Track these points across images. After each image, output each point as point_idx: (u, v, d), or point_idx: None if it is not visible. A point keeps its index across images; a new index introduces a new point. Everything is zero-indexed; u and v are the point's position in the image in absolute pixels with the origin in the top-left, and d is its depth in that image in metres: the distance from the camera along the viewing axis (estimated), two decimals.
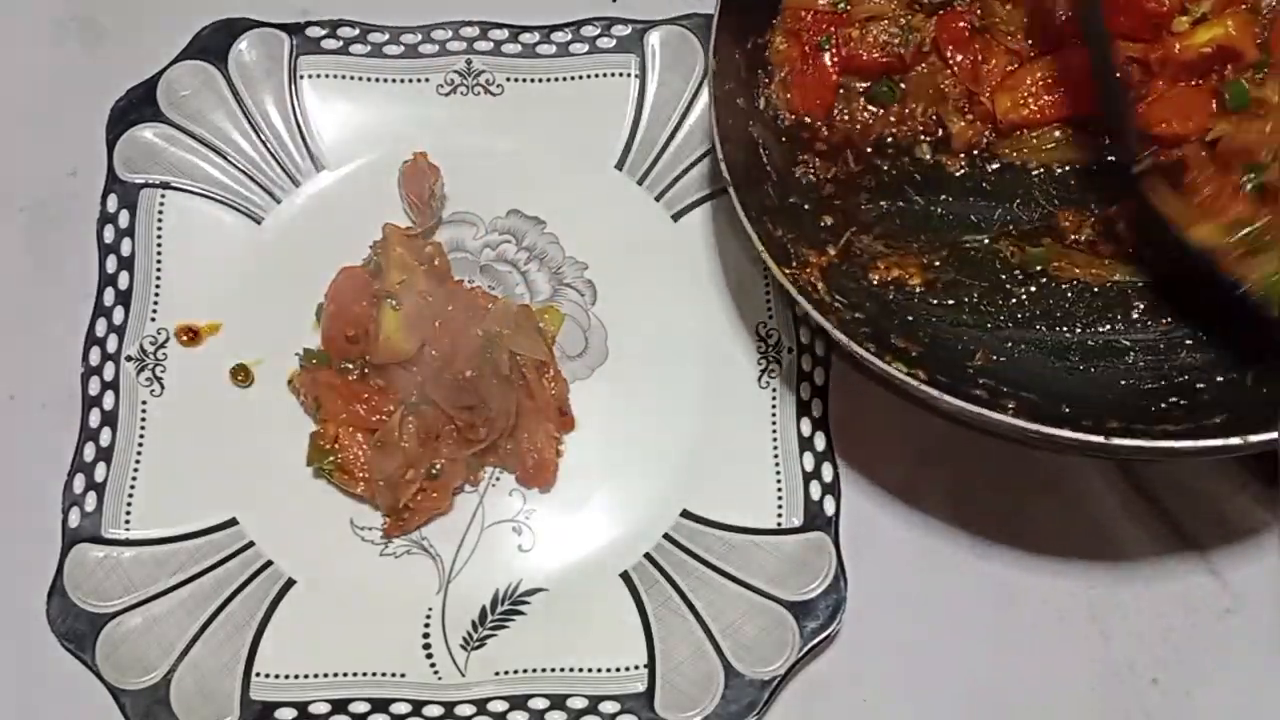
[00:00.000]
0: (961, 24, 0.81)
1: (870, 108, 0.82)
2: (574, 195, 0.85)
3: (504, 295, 0.83)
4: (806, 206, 0.79)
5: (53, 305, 0.83)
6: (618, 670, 0.75)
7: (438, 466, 0.77)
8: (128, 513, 0.78)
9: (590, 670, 0.75)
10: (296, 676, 0.75)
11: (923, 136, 0.82)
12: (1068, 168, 0.80)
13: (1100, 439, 0.64)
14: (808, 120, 0.81)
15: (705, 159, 0.85)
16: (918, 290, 0.78)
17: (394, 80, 0.88)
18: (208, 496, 0.79)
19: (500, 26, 0.89)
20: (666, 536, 0.78)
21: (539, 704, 0.74)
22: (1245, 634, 0.76)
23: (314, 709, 0.74)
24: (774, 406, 0.80)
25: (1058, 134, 0.80)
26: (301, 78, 0.87)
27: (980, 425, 0.68)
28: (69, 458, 0.78)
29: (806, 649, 0.73)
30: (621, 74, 0.87)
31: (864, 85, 0.82)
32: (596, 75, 0.88)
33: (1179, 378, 0.74)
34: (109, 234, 0.83)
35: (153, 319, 0.82)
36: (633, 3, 0.89)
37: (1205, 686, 0.76)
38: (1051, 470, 0.79)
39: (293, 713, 0.73)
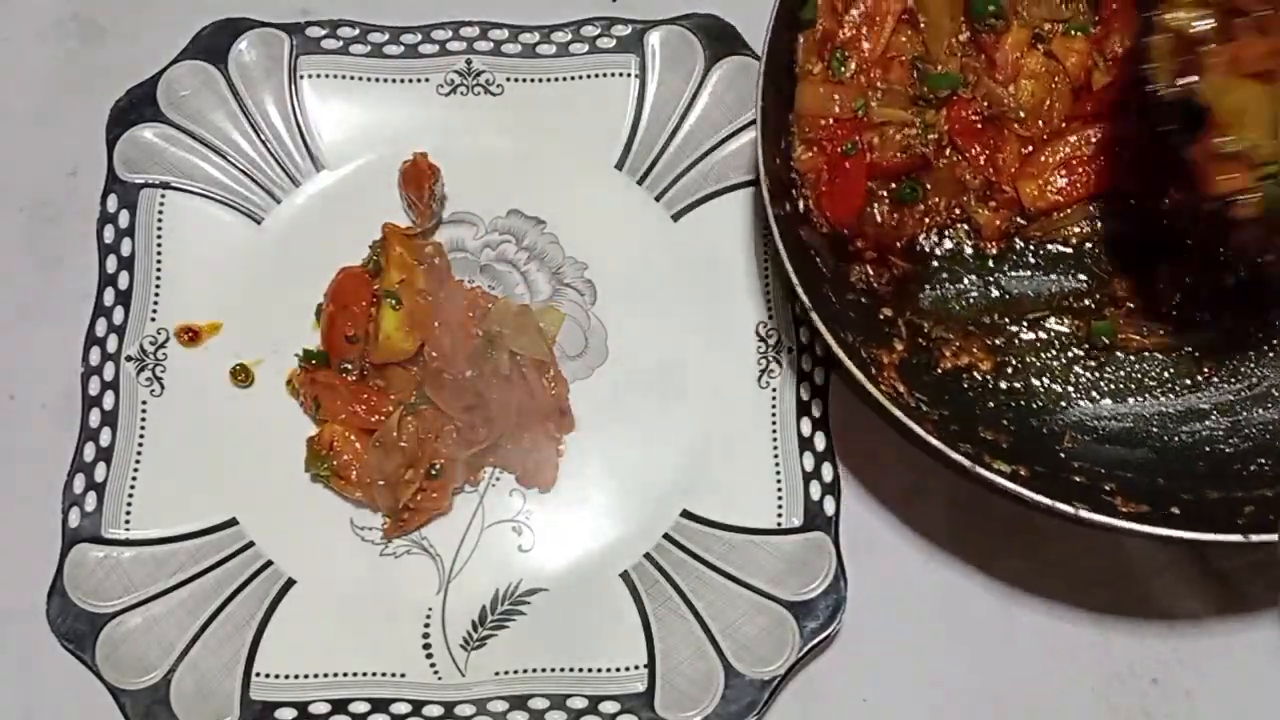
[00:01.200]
0: (971, 114, 0.80)
1: (897, 210, 0.80)
2: (574, 195, 0.85)
3: (504, 295, 0.83)
4: (864, 301, 0.78)
5: (53, 305, 0.83)
6: (618, 670, 0.75)
7: (437, 467, 0.77)
8: (128, 513, 0.78)
9: (590, 670, 0.75)
10: (296, 676, 0.75)
11: (956, 227, 0.81)
12: (1108, 239, 0.80)
13: (1239, 538, 0.64)
14: (842, 230, 0.79)
15: (705, 159, 0.85)
16: (989, 376, 0.78)
17: (394, 80, 0.88)
18: (208, 496, 0.79)
19: (500, 26, 0.89)
20: (666, 536, 0.78)
21: (539, 704, 0.74)
22: (1245, 634, 0.76)
23: (314, 709, 0.74)
24: (774, 406, 0.80)
25: (1090, 208, 0.80)
26: (301, 78, 0.87)
27: (1091, 525, 0.66)
28: (69, 458, 0.78)
29: (806, 649, 0.73)
30: (621, 74, 0.87)
31: (887, 189, 0.80)
32: (596, 75, 0.88)
33: (1262, 436, 0.75)
34: (109, 234, 0.83)
35: (153, 319, 0.82)
36: (633, 3, 0.90)
37: (1205, 687, 0.76)
38: None
39: (293, 713, 0.74)
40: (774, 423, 0.79)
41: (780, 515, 0.77)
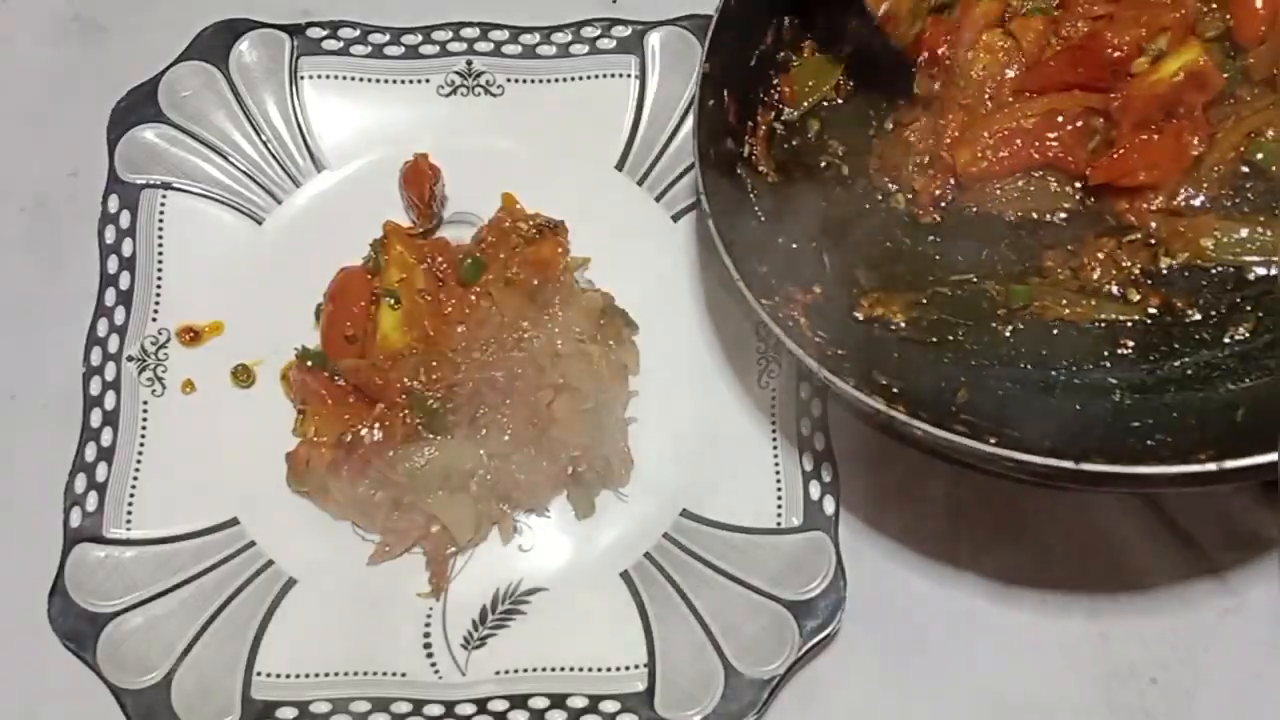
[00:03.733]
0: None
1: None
2: (574, 196, 0.85)
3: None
4: (794, 245, 0.78)
5: (54, 305, 0.84)
6: (618, 669, 0.75)
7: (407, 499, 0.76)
8: (129, 512, 0.78)
9: (590, 669, 0.75)
10: (297, 676, 0.75)
11: (893, 187, 0.81)
12: (1043, 215, 0.80)
13: (1071, 465, 0.63)
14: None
15: None
16: (902, 328, 0.77)
17: (395, 81, 0.88)
18: (209, 496, 0.79)
19: (501, 27, 0.89)
20: (666, 536, 0.78)
21: (539, 703, 0.74)
22: (1245, 634, 0.76)
23: (315, 708, 0.74)
24: (774, 406, 0.80)
25: (1021, 184, 0.79)
26: (302, 78, 0.87)
27: (960, 457, 0.67)
28: (70, 457, 0.79)
29: (806, 648, 0.73)
30: (622, 75, 0.88)
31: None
32: (597, 76, 0.88)
33: (1168, 415, 0.73)
34: (110, 234, 0.84)
35: (154, 319, 0.82)
36: (633, 4, 0.90)
37: (1205, 686, 0.76)
38: None
39: (293, 712, 0.74)
40: (773, 422, 0.79)
41: (780, 515, 0.77)
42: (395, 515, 0.76)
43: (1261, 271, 0.75)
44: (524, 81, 0.88)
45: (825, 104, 0.83)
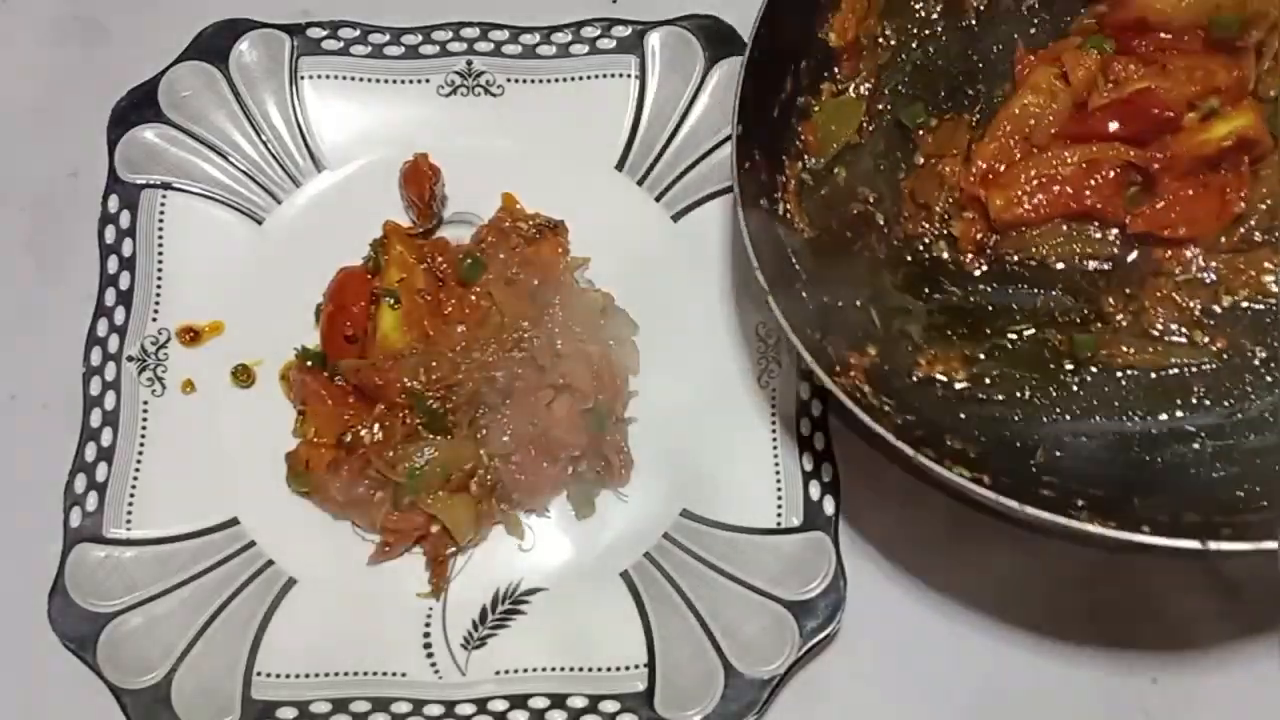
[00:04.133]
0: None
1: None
2: (574, 196, 0.85)
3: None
4: (840, 304, 0.76)
5: (54, 305, 0.84)
6: (618, 669, 0.75)
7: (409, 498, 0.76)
8: (129, 512, 0.78)
9: (590, 669, 0.75)
10: (297, 676, 0.75)
11: (935, 233, 0.80)
12: (1089, 261, 0.78)
13: (1196, 544, 0.61)
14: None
15: (705, 160, 0.85)
16: (965, 386, 0.75)
17: (395, 81, 0.88)
18: (209, 496, 0.79)
19: (501, 27, 0.89)
20: (666, 536, 0.78)
21: (539, 703, 0.74)
22: (1245, 634, 0.76)
23: (315, 708, 0.74)
24: (774, 406, 0.80)
25: (1065, 228, 0.78)
26: (302, 78, 0.87)
27: (1057, 531, 0.63)
28: (70, 457, 0.79)
29: (806, 648, 0.73)
30: (622, 75, 0.88)
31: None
32: (597, 76, 0.88)
33: (1251, 461, 0.72)
34: (110, 234, 0.84)
35: (154, 319, 0.82)
36: (633, 4, 0.90)
37: (1205, 686, 0.76)
38: None
39: (294, 712, 0.74)
40: (773, 422, 0.79)
41: (780, 515, 0.77)
42: (395, 515, 0.76)
43: None
44: (524, 81, 0.88)
45: (850, 146, 0.80)
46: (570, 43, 0.88)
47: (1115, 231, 0.78)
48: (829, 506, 0.77)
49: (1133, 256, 0.78)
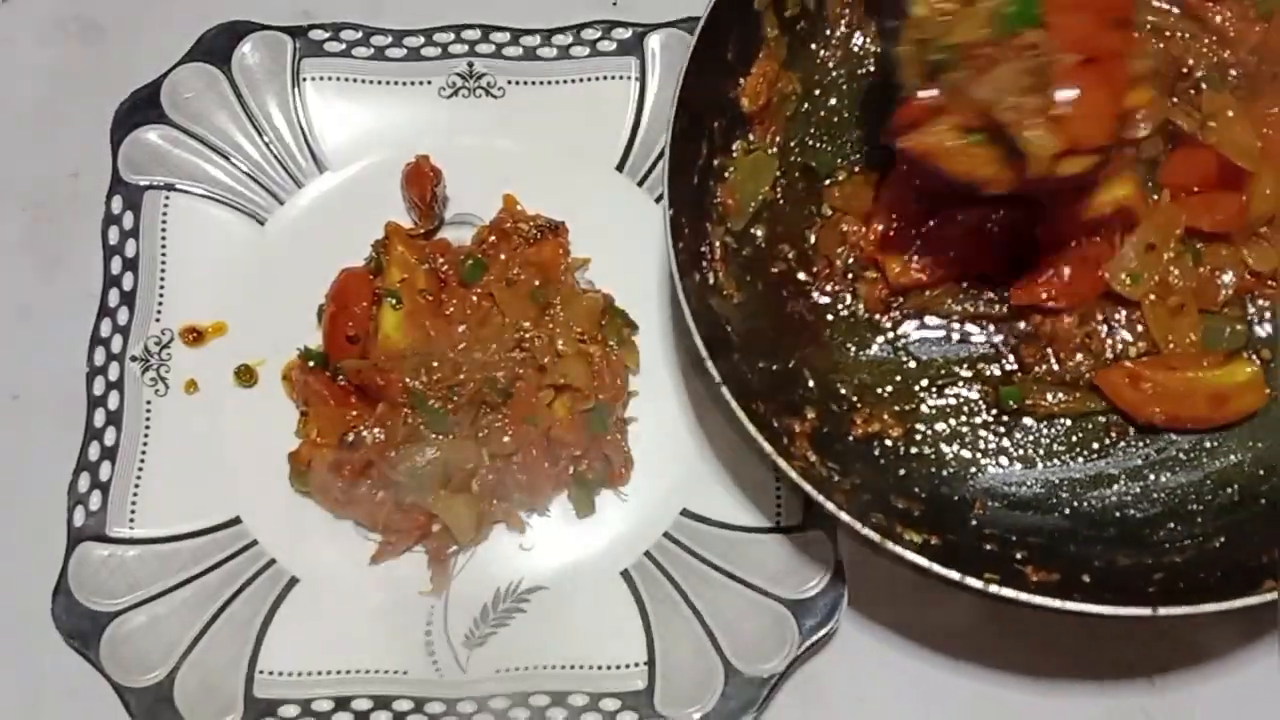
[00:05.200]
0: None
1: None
2: (575, 197, 0.85)
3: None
4: (774, 368, 0.77)
5: (57, 306, 0.84)
6: (618, 667, 0.75)
7: (409, 497, 0.76)
8: (132, 511, 0.78)
9: (591, 667, 0.75)
10: (300, 674, 0.75)
11: (847, 289, 0.80)
12: (989, 319, 0.79)
13: (1148, 612, 0.63)
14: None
15: None
16: (900, 443, 0.77)
17: (396, 83, 0.88)
18: (211, 496, 0.79)
19: (502, 29, 0.89)
20: (666, 535, 0.78)
21: (540, 701, 0.74)
22: (1245, 635, 0.76)
23: (317, 706, 0.74)
24: None
25: (960, 291, 0.79)
26: (304, 80, 0.88)
27: (1001, 599, 0.65)
28: (74, 457, 0.79)
29: (805, 647, 0.73)
30: (622, 76, 0.88)
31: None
32: (597, 78, 0.88)
33: (1171, 501, 0.75)
34: (113, 235, 0.84)
35: (157, 319, 0.83)
36: (633, 6, 0.90)
37: (1205, 686, 0.76)
38: None
39: (296, 710, 0.74)
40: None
41: (780, 514, 0.78)
42: (397, 515, 0.77)
43: None
44: (525, 83, 0.88)
45: (766, 203, 0.80)
46: (571, 44, 0.89)
47: (1008, 293, 0.78)
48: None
49: (1023, 325, 0.79)
